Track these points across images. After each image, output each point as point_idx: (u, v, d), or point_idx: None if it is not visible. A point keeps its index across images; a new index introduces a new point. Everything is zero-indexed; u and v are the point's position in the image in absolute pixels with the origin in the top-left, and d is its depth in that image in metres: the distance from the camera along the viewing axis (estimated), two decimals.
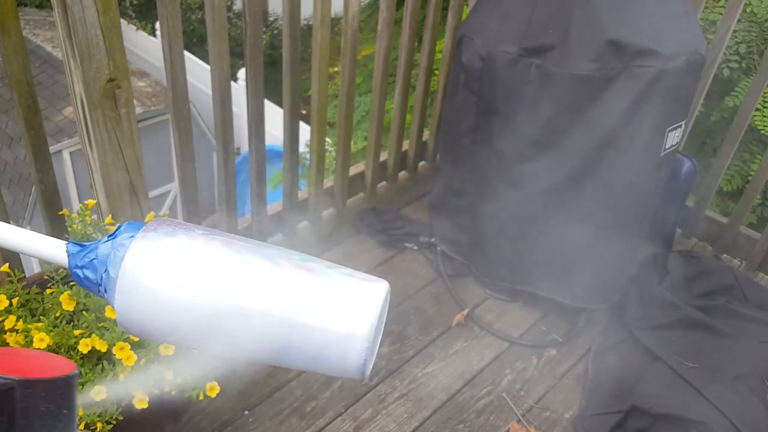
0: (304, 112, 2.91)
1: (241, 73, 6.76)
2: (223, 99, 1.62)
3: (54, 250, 0.76)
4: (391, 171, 2.33)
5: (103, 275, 0.73)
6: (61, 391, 0.51)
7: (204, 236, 0.74)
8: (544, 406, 1.65)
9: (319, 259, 0.75)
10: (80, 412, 1.14)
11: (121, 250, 0.73)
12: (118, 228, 0.75)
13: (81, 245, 0.76)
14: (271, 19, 9.70)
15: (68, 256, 0.76)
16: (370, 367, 0.72)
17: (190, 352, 1.29)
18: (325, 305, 0.70)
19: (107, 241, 0.75)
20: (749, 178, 2.50)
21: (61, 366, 0.53)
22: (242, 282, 0.71)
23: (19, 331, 1.18)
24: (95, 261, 0.75)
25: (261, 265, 0.73)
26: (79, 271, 0.75)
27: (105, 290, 0.72)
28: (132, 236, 0.73)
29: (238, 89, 5.94)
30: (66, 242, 0.77)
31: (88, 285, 0.75)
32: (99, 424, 1.15)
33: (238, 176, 1.85)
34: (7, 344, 1.17)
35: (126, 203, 1.45)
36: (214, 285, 0.70)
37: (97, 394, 1.12)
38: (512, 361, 1.76)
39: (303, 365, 0.72)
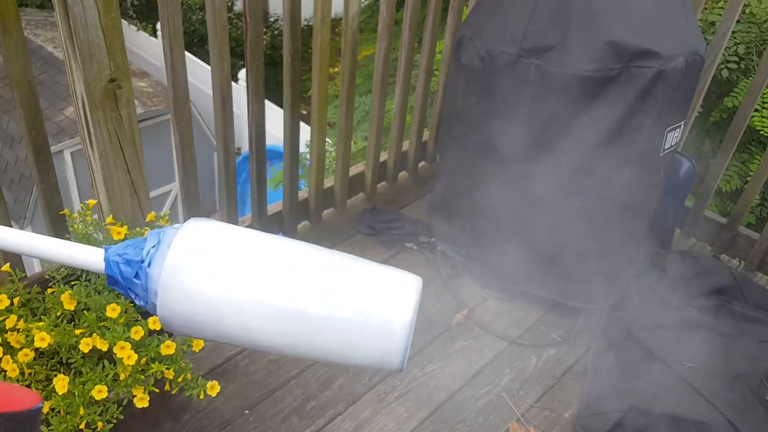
0: (304, 112, 2.92)
1: (242, 74, 6.77)
2: (223, 99, 1.63)
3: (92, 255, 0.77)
4: (391, 171, 2.34)
5: (149, 251, 0.72)
6: (24, 426, 0.48)
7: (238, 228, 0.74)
8: (543, 406, 1.66)
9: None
10: (81, 411, 1.14)
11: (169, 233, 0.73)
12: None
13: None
14: (272, 19, 9.71)
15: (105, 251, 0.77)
16: (407, 357, 0.70)
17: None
18: (366, 293, 0.68)
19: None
20: (748, 178, 2.51)
21: (25, 399, 0.49)
22: (285, 263, 0.69)
23: (20, 330, 1.19)
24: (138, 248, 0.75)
25: (302, 248, 0.72)
26: (118, 258, 0.75)
27: (149, 264, 0.70)
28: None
29: (239, 89, 5.96)
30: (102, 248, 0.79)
31: (124, 272, 0.74)
32: (100, 423, 1.16)
33: (238, 176, 1.86)
34: (8, 344, 1.18)
35: (127, 203, 1.45)
36: (259, 266, 0.68)
37: (97, 394, 1.13)
38: (512, 361, 1.77)
39: (341, 358, 0.70)
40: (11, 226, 1.41)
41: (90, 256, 0.78)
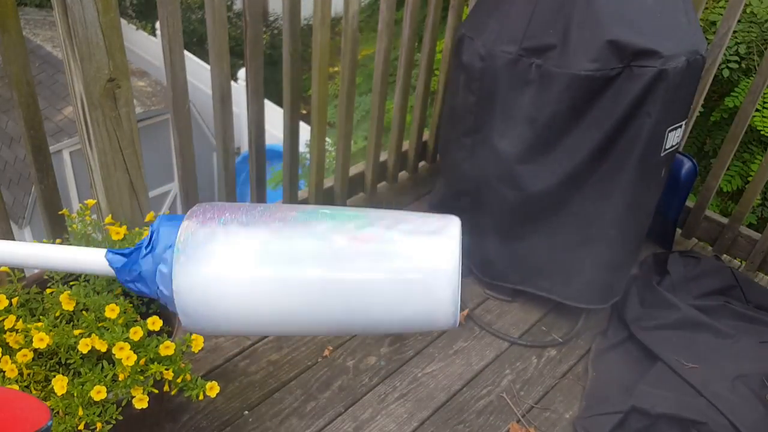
0: (304, 112, 2.92)
1: (241, 73, 6.76)
2: (223, 99, 1.62)
3: (95, 258, 0.77)
4: (391, 171, 2.33)
5: (158, 292, 0.74)
6: None
7: (246, 230, 0.71)
8: (544, 407, 1.65)
9: (379, 213, 0.68)
10: (80, 412, 1.14)
11: (165, 266, 0.73)
12: (152, 232, 0.75)
13: (121, 254, 0.75)
14: (271, 18, 9.71)
15: (115, 271, 0.77)
16: (458, 310, 0.67)
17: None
18: (398, 250, 0.64)
19: (146, 254, 0.75)
20: (749, 178, 2.50)
21: (33, 416, 0.48)
22: (300, 285, 0.69)
23: (19, 330, 1.18)
24: (144, 276, 0.76)
25: (316, 252, 0.68)
26: (132, 285, 0.77)
27: (165, 303, 0.72)
28: (170, 247, 0.73)
29: (238, 89, 5.94)
30: (105, 251, 0.77)
31: (145, 294, 0.77)
32: (99, 424, 1.15)
33: (238, 176, 1.85)
34: (7, 344, 1.17)
35: (126, 203, 1.45)
36: (271, 296, 0.69)
37: (96, 394, 1.12)
38: (512, 362, 1.76)
39: (387, 325, 0.68)
40: (10, 226, 1.41)
41: (93, 258, 0.78)
